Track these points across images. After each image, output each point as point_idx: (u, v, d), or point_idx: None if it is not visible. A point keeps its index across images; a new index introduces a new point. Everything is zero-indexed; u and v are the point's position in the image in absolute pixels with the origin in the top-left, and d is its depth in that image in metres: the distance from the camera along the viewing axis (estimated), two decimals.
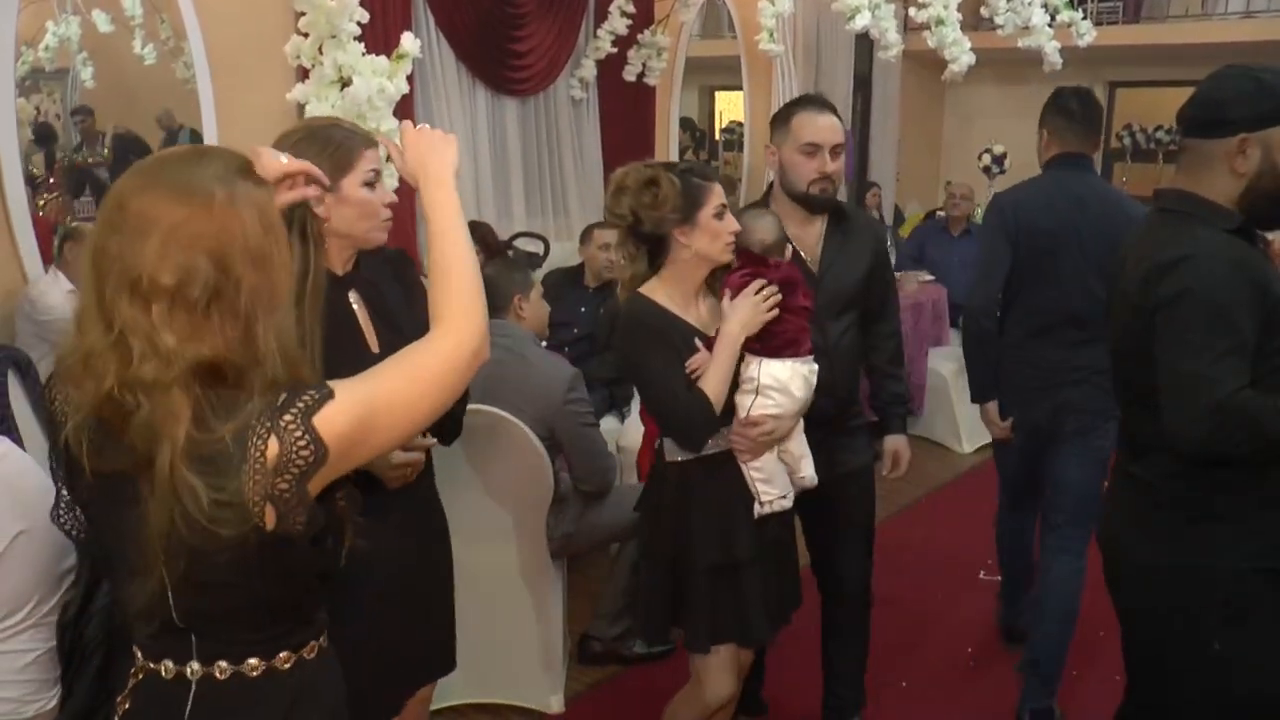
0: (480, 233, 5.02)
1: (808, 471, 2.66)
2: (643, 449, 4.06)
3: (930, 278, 6.67)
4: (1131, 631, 2.34)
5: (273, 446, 1.28)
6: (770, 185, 2.99)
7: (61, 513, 1.54)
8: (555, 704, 3.44)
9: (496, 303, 3.44)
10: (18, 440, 3.56)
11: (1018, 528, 3.88)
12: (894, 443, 3.11)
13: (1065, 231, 3.23)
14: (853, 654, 3.28)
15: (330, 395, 1.33)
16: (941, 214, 7.78)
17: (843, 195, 3.25)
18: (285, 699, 1.47)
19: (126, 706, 1.50)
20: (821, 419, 2.77)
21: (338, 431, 1.32)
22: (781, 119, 2.86)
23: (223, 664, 1.44)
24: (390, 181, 2.55)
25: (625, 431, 4.57)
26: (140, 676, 1.48)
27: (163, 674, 1.45)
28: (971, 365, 3.52)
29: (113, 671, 2.21)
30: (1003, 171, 8.98)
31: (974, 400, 3.55)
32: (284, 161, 1.54)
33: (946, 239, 6.99)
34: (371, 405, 1.36)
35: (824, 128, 2.79)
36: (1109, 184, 4.59)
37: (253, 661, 1.45)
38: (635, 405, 4.72)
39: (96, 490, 1.38)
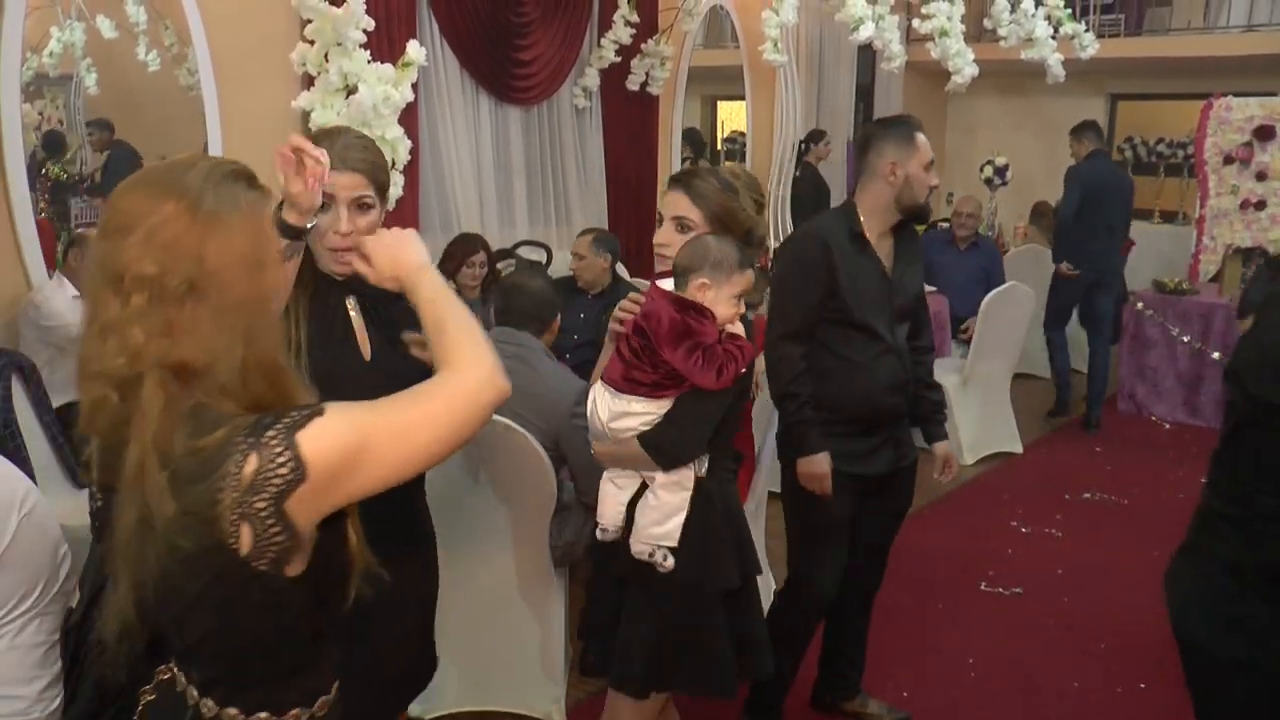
0: (478, 244, 5.08)
1: (635, 536, 2.40)
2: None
3: (931, 289, 6.67)
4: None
5: (251, 462, 1.22)
6: (850, 199, 3.12)
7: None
8: (556, 713, 3.43)
9: (542, 315, 3.47)
10: (21, 444, 3.58)
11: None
12: (944, 448, 3.31)
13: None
14: (864, 635, 3.47)
15: (319, 413, 1.27)
16: (945, 224, 7.78)
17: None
18: None
19: (151, 698, 1.48)
20: (895, 414, 3.11)
21: (323, 452, 1.25)
22: (904, 138, 3.01)
23: (210, 703, 1.39)
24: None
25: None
26: (166, 675, 1.46)
27: (177, 683, 1.43)
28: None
29: (114, 677, 2.21)
30: (1004, 183, 8.98)
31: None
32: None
33: (954, 252, 6.99)
34: (364, 432, 1.29)
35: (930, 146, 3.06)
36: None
37: (263, 715, 1.40)
38: None
39: (112, 509, 1.33)
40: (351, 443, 1.27)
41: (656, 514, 2.37)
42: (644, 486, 2.41)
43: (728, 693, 2.45)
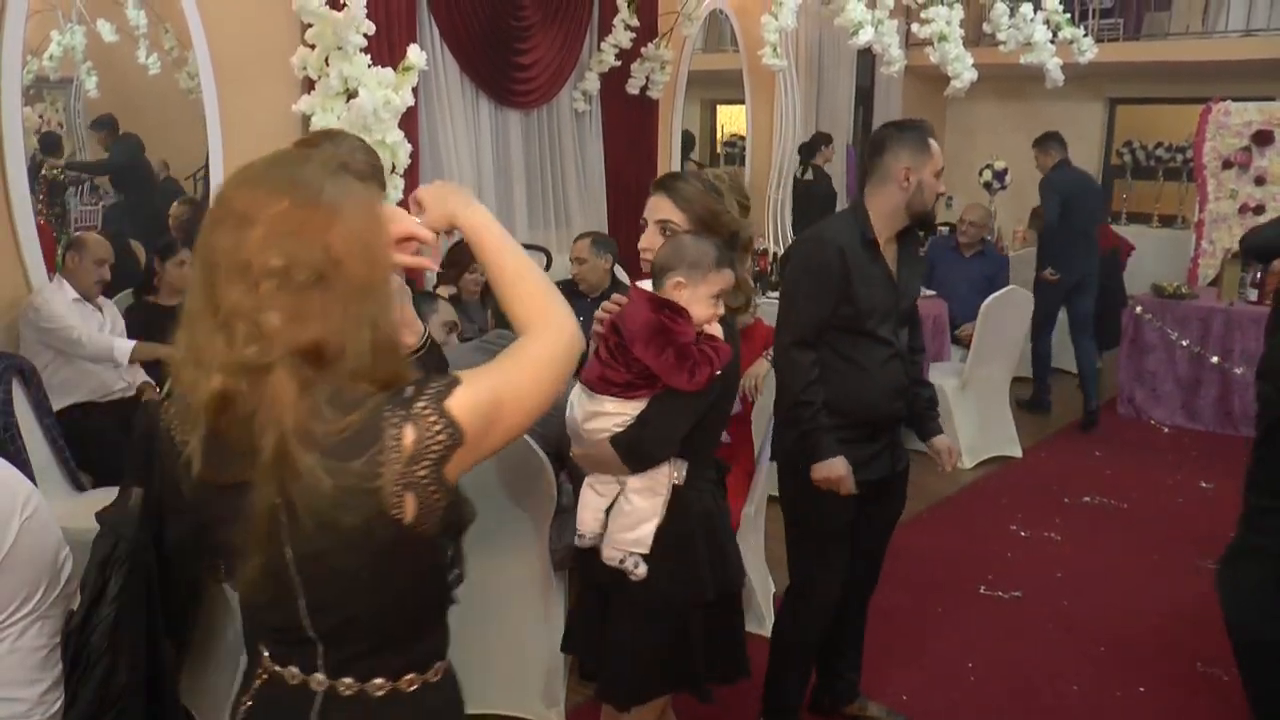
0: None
1: (606, 542, 2.40)
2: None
3: (931, 293, 6.69)
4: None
5: (408, 433, 1.30)
6: (859, 201, 3.12)
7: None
8: (555, 717, 3.42)
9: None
10: (21, 447, 3.58)
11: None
12: (943, 440, 3.27)
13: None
14: (861, 638, 3.46)
15: (458, 382, 1.35)
16: (945, 229, 7.80)
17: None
18: None
19: (249, 704, 1.50)
20: (896, 419, 3.14)
21: (471, 415, 1.33)
22: (919, 144, 3.02)
23: (348, 680, 1.43)
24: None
25: None
26: (264, 678, 1.48)
27: (288, 679, 1.45)
28: None
29: (114, 681, 2.22)
30: (1004, 187, 8.99)
31: None
32: (413, 225, 1.57)
33: (958, 259, 7.00)
34: (496, 392, 1.38)
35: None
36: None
37: (378, 681, 1.43)
38: None
39: (221, 504, 1.36)
40: (490, 402, 1.36)
41: (629, 519, 2.35)
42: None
43: (704, 698, 2.45)
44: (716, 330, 2.33)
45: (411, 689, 1.45)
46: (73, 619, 2.17)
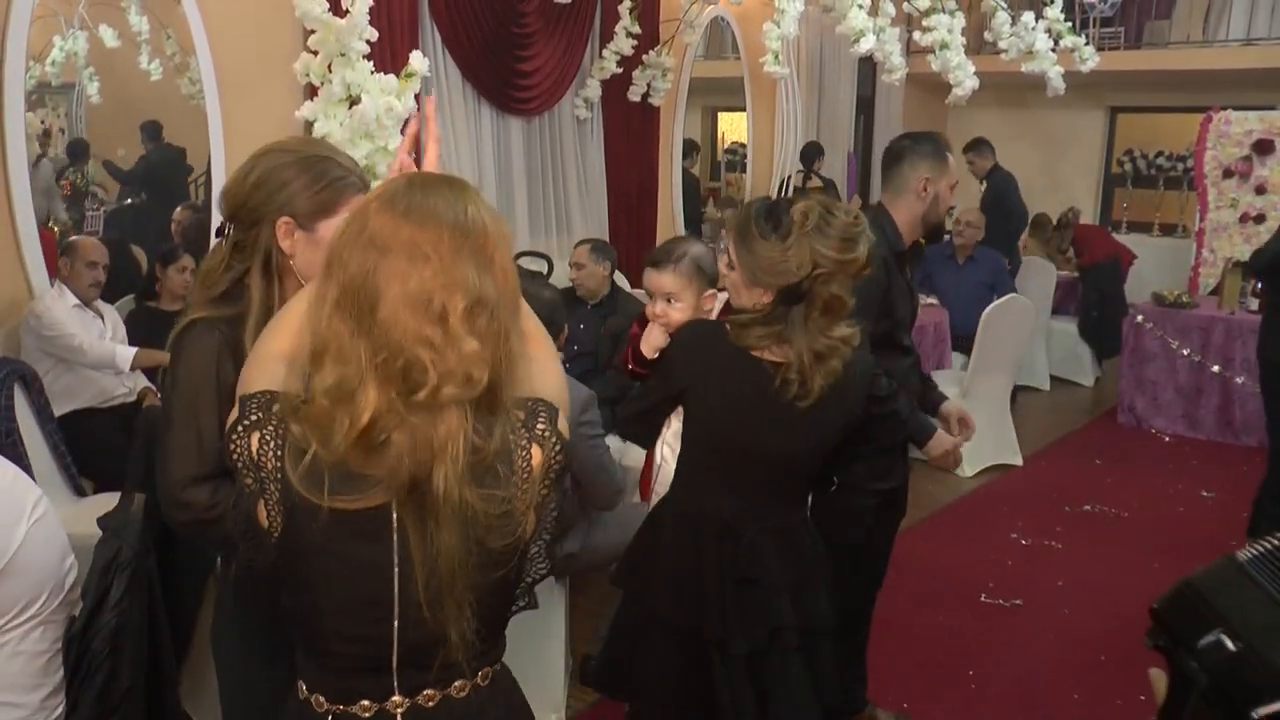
0: None
1: None
2: (645, 468, 4.05)
3: (933, 301, 6.69)
4: None
5: (536, 455, 1.34)
6: (879, 205, 3.12)
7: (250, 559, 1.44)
8: None
9: (554, 321, 3.46)
10: (23, 453, 3.58)
11: None
12: (953, 405, 3.23)
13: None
14: (865, 647, 3.44)
15: (555, 407, 1.41)
16: (946, 237, 7.80)
17: None
18: (488, 713, 1.49)
19: None
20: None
21: (568, 434, 1.40)
22: (938, 156, 3.03)
23: (429, 692, 1.42)
24: None
25: (627, 451, 4.56)
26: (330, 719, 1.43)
27: (359, 714, 1.42)
28: None
29: (116, 687, 2.21)
30: None
31: None
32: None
33: (953, 266, 7.01)
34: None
35: None
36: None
37: (459, 684, 1.44)
38: None
39: (333, 526, 1.32)
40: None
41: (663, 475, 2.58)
42: None
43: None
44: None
45: (485, 681, 1.49)
46: (74, 625, 2.16)
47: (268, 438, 1.33)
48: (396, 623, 1.37)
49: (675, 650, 2.31)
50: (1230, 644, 1.45)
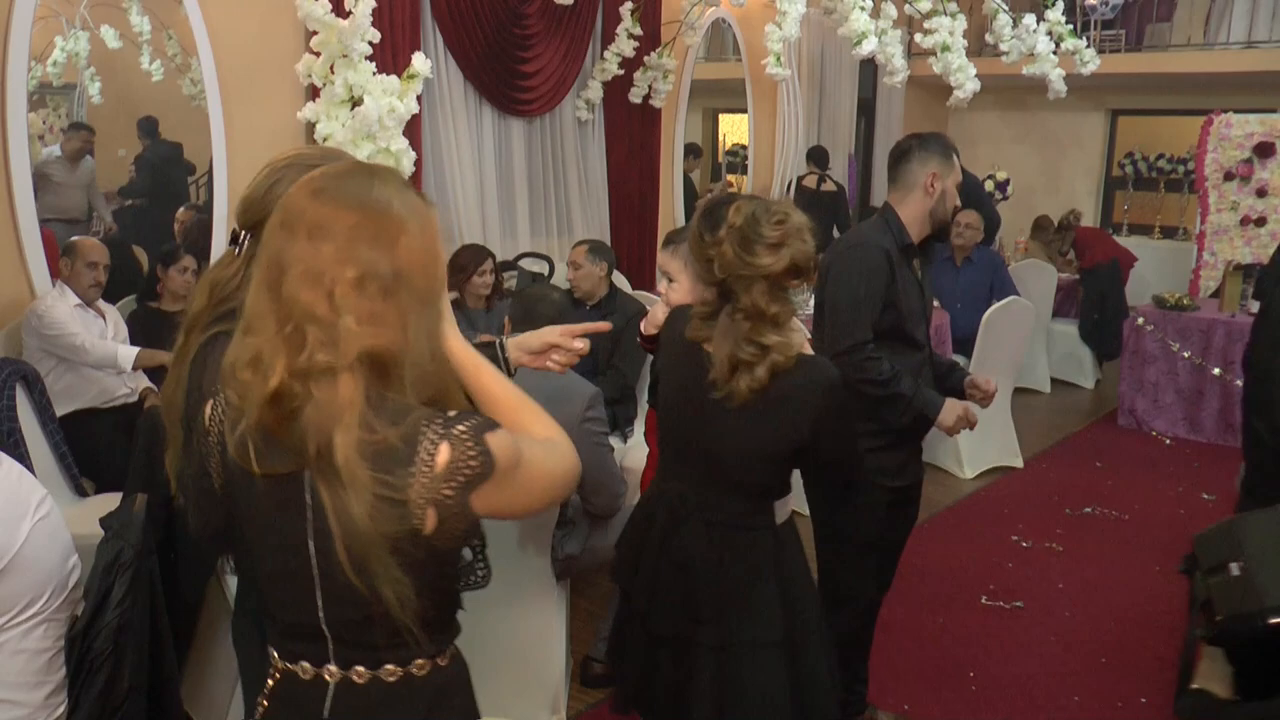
0: (485, 254, 5.08)
1: None
2: (646, 470, 4.06)
3: (934, 305, 6.69)
4: None
5: (444, 452, 1.34)
6: (885, 205, 3.13)
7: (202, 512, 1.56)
8: None
9: (565, 321, 3.48)
10: (25, 453, 3.58)
11: None
12: (973, 377, 3.21)
13: None
14: (869, 648, 3.41)
15: (497, 425, 1.41)
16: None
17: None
18: (421, 704, 1.51)
19: (265, 705, 1.54)
20: (927, 424, 3.04)
21: (503, 456, 1.37)
22: (945, 155, 3.05)
23: (360, 669, 1.48)
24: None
25: (628, 452, 4.57)
26: (278, 677, 1.53)
27: (300, 674, 1.50)
28: None
29: (117, 686, 2.22)
30: (1005, 197, 9.02)
31: None
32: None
33: (950, 268, 7.01)
34: (521, 454, 1.41)
35: None
36: None
37: (390, 667, 1.48)
38: (639, 426, 4.72)
39: (263, 496, 1.42)
40: (515, 458, 1.40)
41: None
42: None
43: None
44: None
45: (422, 673, 1.50)
46: (76, 624, 2.17)
47: (216, 406, 1.47)
48: (320, 596, 1.43)
49: (647, 635, 2.34)
50: (1235, 570, 1.51)
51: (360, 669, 1.47)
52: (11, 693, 2.08)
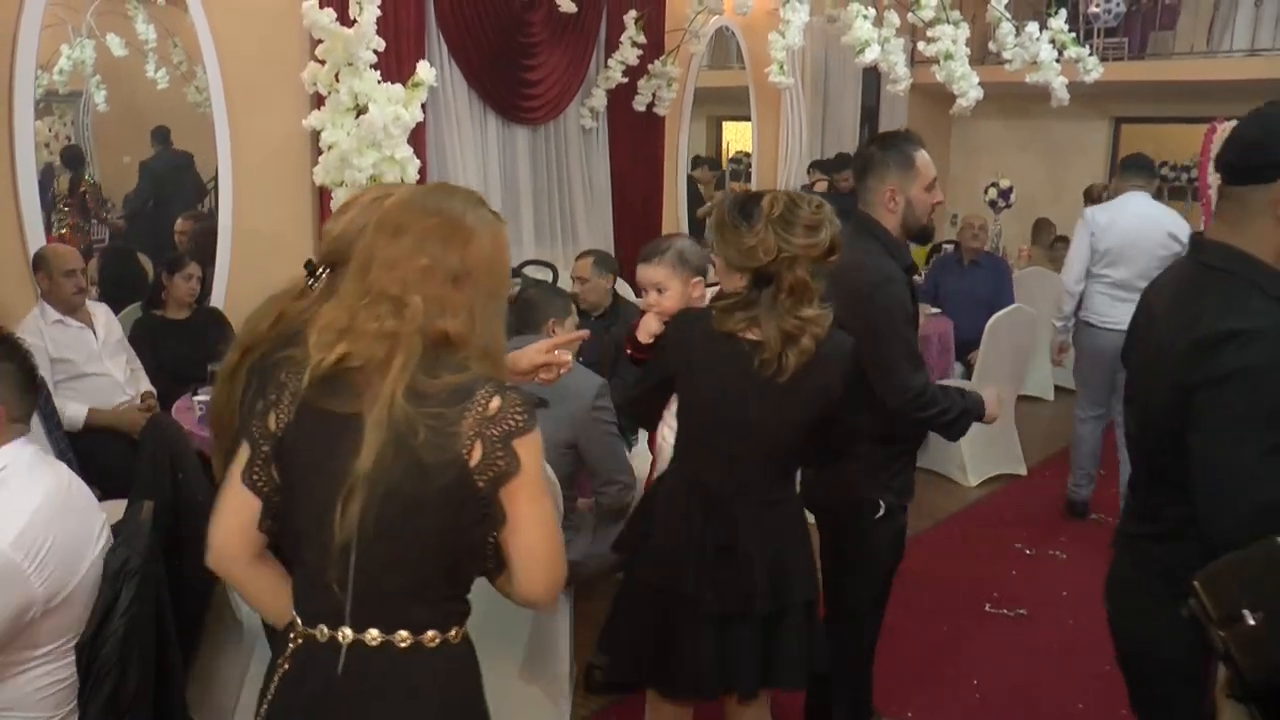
0: None
1: None
2: (650, 476, 4.06)
3: (936, 311, 6.68)
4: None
5: (495, 401, 1.56)
6: (882, 229, 2.92)
7: (256, 471, 1.65)
8: None
9: (533, 322, 3.52)
10: None
11: None
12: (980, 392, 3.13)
13: None
14: (873, 654, 3.40)
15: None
16: (949, 246, 7.79)
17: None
18: (429, 674, 1.62)
19: (286, 669, 1.66)
20: (922, 438, 3.11)
21: (532, 455, 1.60)
22: (903, 162, 2.90)
23: (374, 632, 1.59)
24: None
25: (633, 459, 4.56)
26: (299, 641, 1.65)
27: (317, 637, 1.62)
28: None
29: (124, 693, 2.22)
30: (1008, 205, 9.01)
31: None
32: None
33: (958, 271, 7.00)
34: (541, 468, 1.63)
35: (932, 162, 2.99)
36: None
37: (403, 634, 1.60)
38: (643, 433, 4.72)
39: (320, 438, 1.59)
40: (540, 467, 1.62)
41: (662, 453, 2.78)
42: None
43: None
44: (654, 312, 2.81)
45: (433, 644, 1.62)
46: (84, 632, 2.17)
47: (287, 363, 1.65)
48: (354, 549, 1.55)
49: (649, 608, 2.49)
50: (1250, 619, 1.48)
51: (374, 632, 1.59)
52: (34, 710, 2.09)
